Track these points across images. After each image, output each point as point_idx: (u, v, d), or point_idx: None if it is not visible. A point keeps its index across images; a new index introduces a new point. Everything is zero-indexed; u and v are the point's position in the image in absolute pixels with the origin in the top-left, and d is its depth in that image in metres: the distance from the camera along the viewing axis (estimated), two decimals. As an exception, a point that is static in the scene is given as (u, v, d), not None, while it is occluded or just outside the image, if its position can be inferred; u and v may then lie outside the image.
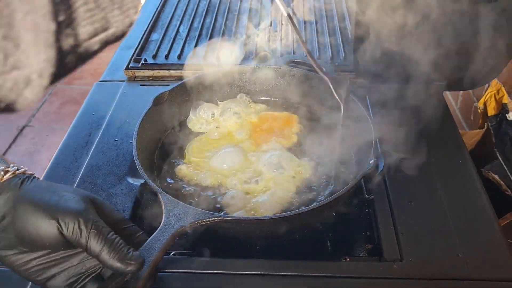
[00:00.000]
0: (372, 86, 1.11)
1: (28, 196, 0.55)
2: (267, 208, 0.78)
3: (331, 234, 0.85)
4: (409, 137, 0.97)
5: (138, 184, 0.87)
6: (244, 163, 0.88)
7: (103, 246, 0.53)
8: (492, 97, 1.40)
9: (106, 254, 0.53)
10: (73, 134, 1.01)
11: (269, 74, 1.02)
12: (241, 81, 1.04)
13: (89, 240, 0.53)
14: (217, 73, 1.01)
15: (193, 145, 0.94)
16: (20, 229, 0.54)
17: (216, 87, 1.02)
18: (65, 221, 0.53)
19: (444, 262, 0.73)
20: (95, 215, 0.56)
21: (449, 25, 0.99)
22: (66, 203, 0.55)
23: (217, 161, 0.89)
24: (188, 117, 1.00)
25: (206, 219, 0.66)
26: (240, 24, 1.38)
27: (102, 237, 0.54)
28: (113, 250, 0.54)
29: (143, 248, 0.60)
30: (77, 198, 0.57)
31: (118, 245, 0.55)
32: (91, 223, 0.54)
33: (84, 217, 0.54)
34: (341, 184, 0.81)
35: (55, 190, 0.57)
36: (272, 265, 0.73)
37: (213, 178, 0.86)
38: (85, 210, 0.56)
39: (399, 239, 0.76)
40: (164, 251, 0.61)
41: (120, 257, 0.54)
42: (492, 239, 0.77)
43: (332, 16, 1.39)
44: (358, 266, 0.74)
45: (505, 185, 1.23)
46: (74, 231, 0.53)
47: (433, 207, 0.82)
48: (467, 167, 0.90)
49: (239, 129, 0.96)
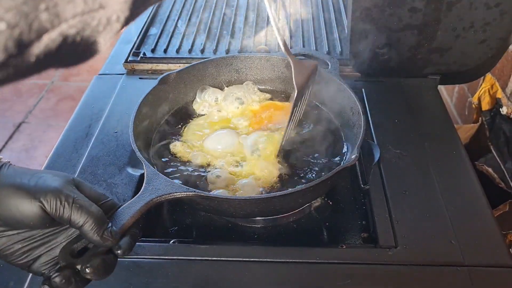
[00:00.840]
0: (368, 80, 1.13)
1: (7, 180, 0.57)
2: (248, 190, 0.81)
3: (327, 223, 0.87)
4: (404, 130, 0.99)
5: (138, 174, 0.88)
6: (235, 146, 0.90)
7: (85, 218, 0.56)
8: (486, 92, 1.41)
9: (88, 226, 0.55)
10: (73, 126, 1.02)
11: (276, 65, 1.04)
12: (248, 69, 1.05)
13: (72, 214, 0.55)
14: (225, 59, 1.04)
15: (191, 125, 0.96)
16: (3, 212, 0.55)
17: (224, 73, 1.04)
18: (47, 199, 0.55)
19: (438, 248, 0.75)
20: (75, 190, 0.58)
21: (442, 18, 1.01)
22: (46, 182, 0.57)
23: (209, 142, 0.91)
24: (194, 99, 1.02)
25: (180, 192, 0.69)
26: (238, 18, 1.39)
27: (85, 210, 0.56)
28: (94, 223, 0.56)
29: (117, 213, 0.63)
30: (55, 177, 0.59)
31: (100, 219, 0.57)
32: (73, 198, 0.56)
33: (65, 193, 0.56)
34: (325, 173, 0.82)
35: (33, 173, 0.59)
36: (269, 252, 0.75)
37: (204, 157, 0.88)
38: (65, 186, 0.57)
39: (394, 227, 0.78)
40: (136, 217, 0.63)
41: (99, 231, 0.56)
42: (485, 226, 0.79)
43: (328, 10, 1.41)
44: (354, 252, 0.76)
45: (498, 178, 1.25)
46: (57, 207, 0.55)
47: (427, 196, 0.84)
48: (461, 157, 0.92)
49: (239, 115, 0.98)
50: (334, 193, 0.90)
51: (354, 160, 0.73)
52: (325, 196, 0.89)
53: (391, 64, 1.10)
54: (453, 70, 1.11)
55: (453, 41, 1.05)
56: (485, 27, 1.02)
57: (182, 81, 1.00)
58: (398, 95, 1.10)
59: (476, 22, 1.01)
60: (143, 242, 0.78)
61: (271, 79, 1.06)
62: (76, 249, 0.60)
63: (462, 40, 1.05)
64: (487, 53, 1.07)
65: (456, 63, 1.10)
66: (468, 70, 1.12)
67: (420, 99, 1.09)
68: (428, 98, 1.09)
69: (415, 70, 1.13)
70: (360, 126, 0.83)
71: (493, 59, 1.09)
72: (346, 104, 0.92)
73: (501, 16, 1.00)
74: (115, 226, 0.60)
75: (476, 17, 1.01)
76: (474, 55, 1.08)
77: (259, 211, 0.77)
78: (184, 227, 0.86)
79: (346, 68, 1.15)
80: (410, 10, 1.00)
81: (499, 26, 1.02)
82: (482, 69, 1.14)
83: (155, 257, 0.75)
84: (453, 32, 1.03)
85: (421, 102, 1.08)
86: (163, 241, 0.80)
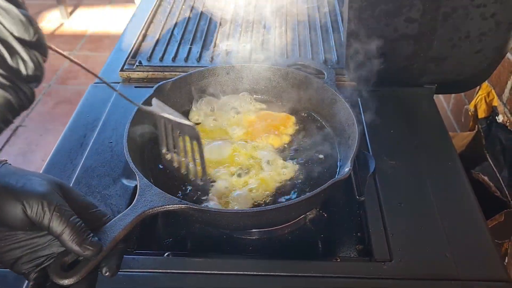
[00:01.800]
0: (364, 89, 1.13)
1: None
2: (241, 202, 0.80)
3: (322, 235, 0.86)
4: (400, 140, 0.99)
5: (133, 185, 0.88)
6: (230, 158, 0.90)
7: (64, 228, 0.56)
8: (482, 100, 1.42)
9: (66, 236, 0.56)
10: (68, 136, 1.02)
11: (273, 75, 1.04)
12: (245, 79, 1.05)
13: (52, 221, 0.55)
14: (221, 69, 1.03)
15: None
16: None
17: (220, 82, 1.04)
18: (30, 203, 0.55)
19: (433, 262, 0.75)
20: (60, 198, 0.58)
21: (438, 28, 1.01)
22: (32, 186, 0.57)
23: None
24: (190, 108, 1.02)
25: (173, 205, 0.69)
26: (234, 27, 1.39)
27: (65, 219, 0.56)
28: (73, 233, 0.56)
29: (108, 225, 0.63)
30: (44, 182, 0.59)
31: (79, 229, 0.57)
32: (55, 206, 0.56)
33: (48, 199, 0.56)
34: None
35: (23, 174, 0.59)
36: (264, 265, 0.75)
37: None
38: (50, 193, 0.58)
39: (389, 240, 0.78)
40: (128, 230, 0.63)
41: (79, 241, 0.56)
42: (479, 240, 0.79)
43: (325, 19, 1.41)
44: (349, 266, 0.76)
45: (494, 187, 1.25)
46: (37, 212, 0.55)
47: (422, 208, 0.84)
48: (456, 169, 0.92)
49: (234, 124, 0.98)
50: (329, 204, 0.90)
51: (347, 173, 0.73)
52: (320, 208, 0.89)
53: (387, 73, 1.10)
54: (449, 79, 1.11)
55: (449, 51, 1.05)
56: (480, 37, 1.02)
57: (178, 90, 1.00)
58: (394, 104, 1.10)
59: (472, 32, 1.01)
60: (136, 255, 0.77)
61: (268, 89, 1.05)
62: (67, 262, 0.59)
63: (458, 50, 1.05)
64: (483, 63, 1.07)
65: (452, 73, 1.10)
66: (464, 79, 1.12)
67: (416, 108, 1.09)
68: (424, 108, 1.09)
69: (411, 80, 1.12)
70: (354, 138, 0.83)
71: (488, 69, 1.09)
72: (341, 115, 0.92)
73: (496, 26, 1.00)
74: (106, 238, 0.60)
75: (472, 27, 1.01)
76: (470, 64, 1.08)
77: (253, 223, 0.77)
78: (178, 239, 0.86)
79: (342, 77, 1.15)
80: (406, 20, 1.00)
81: (494, 36, 1.02)
82: (478, 79, 1.14)
83: (149, 270, 0.74)
84: (449, 42, 1.03)
85: (417, 112, 1.08)
86: (157, 254, 0.79)
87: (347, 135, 0.88)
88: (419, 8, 0.98)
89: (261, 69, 1.04)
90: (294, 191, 0.83)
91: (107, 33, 3.52)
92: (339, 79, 1.14)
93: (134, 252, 0.80)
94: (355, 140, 0.82)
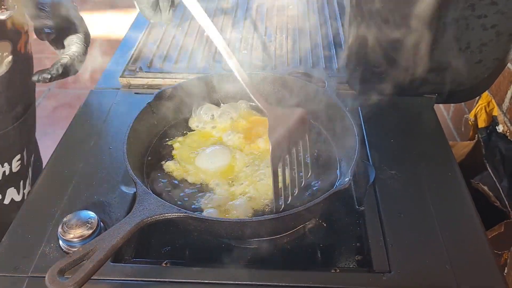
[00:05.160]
0: (365, 98, 1.12)
1: None
2: (240, 211, 0.80)
3: (321, 244, 0.86)
4: (400, 150, 0.99)
5: (132, 192, 0.88)
6: (227, 165, 0.90)
7: None
8: (482, 110, 1.42)
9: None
10: (67, 142, 1.01)
11: (273, 82, 1.03)
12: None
13: None
14: (222, 76, 1.03)
15: (183, 142, 0.96)
16: None
17: (220, 89, 1.04)
18: None
19: (432, 273, 0.74)
20: None
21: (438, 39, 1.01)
22: None
23: (201, 160, 0.91)
24: (190, 115, 1.02)
25: (171, 214, 0.69)
26: (235, 34, 1.39)
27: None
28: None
29: (106, 233, 0.63)
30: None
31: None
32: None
33: None
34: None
35: None
36: (263, 275, 0.74)
37: (197, 175, 0.88)
38: None
39: (388, 251, 0.77)
40: (126, 238, 0.63)
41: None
42: (479, 251, 0.78)
43: (326, 25, 1.41)
44: (348, 277, 0.75)
45: (493, 197, 1.25)
46: None
47: (422, 219, 0.83)
48: (456, 179, 0.92)
49: (229, 131, 0.98)
50: (328, 214, 0.90)
51: (347, 184, 0.73)
52: (319, 217, 0.88)
53: (387, 82, 1.10)
54: (449, 89, 1.11)
55: (450, 61, 1.05)
56: (481, 47, 1.02)
57: (178, 97, 1.00)
58: (394, 113, 1.09)
59: (472, 42, 1.02)
60: (134, 264, 0.77)
61: (267, 96, 1.05)
62: (64, 270, 0.59)
63: (458, 60, 1.05)
64: (484, 73, 1.07)
65: (453, 83, 1.10)
66: (464, 89, 1.12)
67: (416, 118, 1.09)
68: (424, 117, 1.09)
69: (411, 89, 1.12)
70: (354, 147, 0.83)
71: (489, 79, 1.09)
72: (341, 124, 0.91)
73: (497, 37, 1.00)
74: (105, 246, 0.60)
75: (473, 37, 1.01)
76: (470, 75, 1.08)
77: (251, 233, 0.77)
78: (177, 247, 0.85)
79: (343, 85, 1.15)
80: (407, 30, 1.00)
81: (495, 47, 1.02)
82: (478, 89, 1.14)
83: (146, 279, 0.74)
84: (449, 52, 1.03)
85: (417, 121, 1.08)
86: (154, 262, 0.79)
87: (347, 144, 0.88)
88: (420, 18, 0.98)
89: (260, 76, 1.03)
90: (294, 201, 0.83)
91: (107, 38, 3.53)
92: (339, 87, 1.14)
93: (131, 261, 0.79)
94: (355, 150, 0.82)
